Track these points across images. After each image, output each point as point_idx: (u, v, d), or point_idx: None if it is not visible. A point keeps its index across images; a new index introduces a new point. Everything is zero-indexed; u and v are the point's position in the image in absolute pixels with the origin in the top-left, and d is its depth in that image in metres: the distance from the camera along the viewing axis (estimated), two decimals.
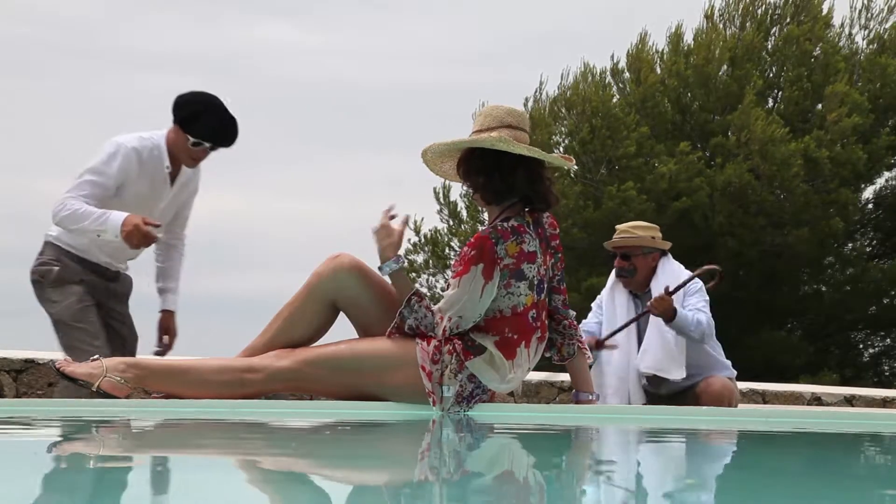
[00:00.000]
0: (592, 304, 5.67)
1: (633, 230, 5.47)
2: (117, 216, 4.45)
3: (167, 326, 5.09)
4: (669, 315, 5.20)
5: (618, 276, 5.49)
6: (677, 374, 5.30)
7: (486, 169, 3.82)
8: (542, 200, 3.86)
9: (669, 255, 5.51)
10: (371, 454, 2.87)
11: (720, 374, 5.37)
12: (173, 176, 4.77)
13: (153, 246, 4.78)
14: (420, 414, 3.75)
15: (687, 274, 5.43)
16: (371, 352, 3.83)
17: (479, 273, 3.72)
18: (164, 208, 4.82)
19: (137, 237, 4.42)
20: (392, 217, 3.87)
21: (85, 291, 4.75)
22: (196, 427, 3.56)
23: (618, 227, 5.57)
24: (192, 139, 4.63)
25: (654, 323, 5.31)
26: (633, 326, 5.44)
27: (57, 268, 4.74)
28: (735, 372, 5.51)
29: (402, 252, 3.88)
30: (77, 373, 3.78)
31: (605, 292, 5.57)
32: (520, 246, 3.76)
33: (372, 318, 3.91)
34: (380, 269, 3.88)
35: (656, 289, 5.36)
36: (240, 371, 3.83)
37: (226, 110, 4.67)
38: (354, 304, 3.92)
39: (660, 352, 5.30)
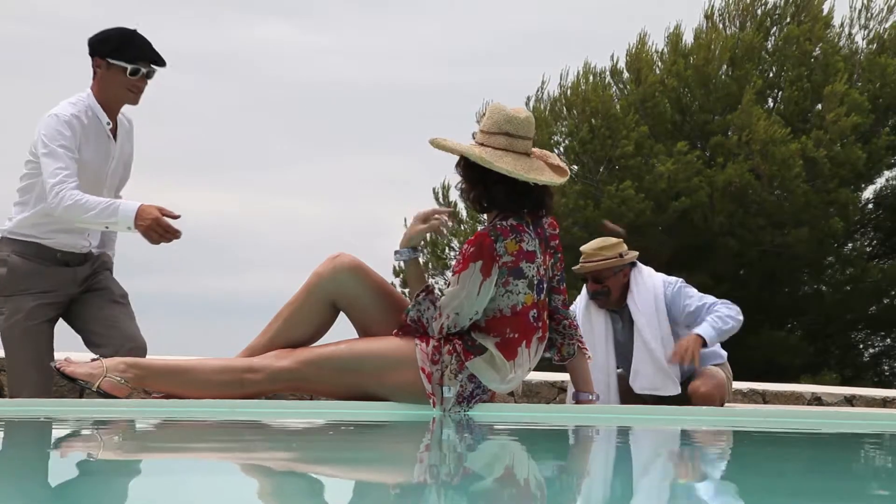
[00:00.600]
0: (573, 306, 5.40)
1: (600, 251, 5.29)
2: (129, 206, 4.11)
3: None
4: (702, 345, 5.11)
5: (592, 298, 5.34)
6: (673, 389, 5.19)
7: (470, 179, 3.84)
8: (536, 207, 3.84)
9: (639, 264, 5.37)
10: (371, 454, 2.87)
11: (711, 364, 5.30)
12: (113, 131, 4.47)
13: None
14: (420, 414, 3.75)
15: (659, 276, 5.30)
16: (371, 352, 3.83)
17: (478, 270, 3.73)
18: (114, 168, 4.49)
19: (158, 232, 4.08)
20: (436, 218, 3.88)
21: (38, 304, 4.35)
22: (196, 427, 3.56)
23: (582, 249, 5.36)
24: (129, 67, 4.34)
25: (642, 342, 5.21)
26: (611, 341, 5.31)
27: (3, 269, 4.35)
28: (725, 353, 5.43)
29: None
30: (77, 373, 3.78)
31: (579, 313, 5.36)
32: (519, 244, 3.77)
33: (372, 318, 3.91)
34: (396, 252, 3.89)
35: (632, 302, 5.24)
36: (240, 371, 3.83)
37: (140, 34, 4.43)
38: (354, 304, 3.92)
39: (651, 370, 5.19)
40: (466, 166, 3.84)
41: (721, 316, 5.16)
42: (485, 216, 4.03)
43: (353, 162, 31.64)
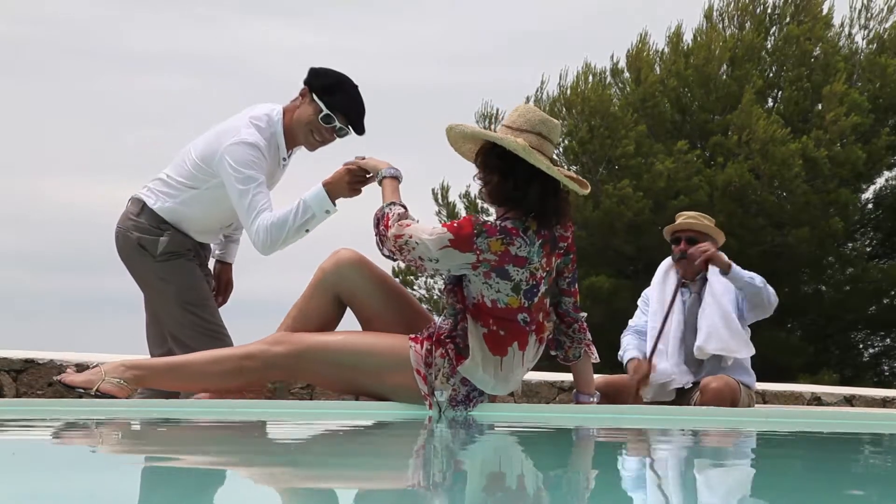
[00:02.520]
0: (639, 302, 5.59)
1: (701, 219, 5.45)
2: (315, 195, 4.09)
3: (228, 279, 4.79)
4: (725, 266, 5.16)
5: (678, 259, 5.38)
6: (746, 352, 5.16)
7: (501, 170, 3.74)
8: (553, 215, 3.79)
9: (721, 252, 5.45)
10: (370, 455, 2.87)
11: (728, 374, 5.25)
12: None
13: None
14: (420, 414, 3.75)
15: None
16: (367, 351, 3.81)
17: (447, 240, 3.65)
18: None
19: (354, 184, 4.09)
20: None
21: (197, 265, 4.39)
22: (196, 427, 3.56)
23: (682, 213, 5.56)
24: (324, 111, 4.24)
25: (712, 300, 5.21)
26: (679, 309, 5.32)
27: (164, 238, 4.32)
28: (754, 378, 5.34)
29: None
30: (76, 381, 3.77)
31: (656, 281, 5.47)
32: (506, 247, 3.67)
33: (373, 311, 3.92)
34: (380, 175, 3.93)
35: (711, 272, 5.29)
36: (237, 359, 3.82)
37: (359, 92, 4.32)
38: (356, 297, 3.93)
39: (724, 330, 5.15)
40: (498, 155, 3.75)
41: (753, 275, 5.23)
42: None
43: None
